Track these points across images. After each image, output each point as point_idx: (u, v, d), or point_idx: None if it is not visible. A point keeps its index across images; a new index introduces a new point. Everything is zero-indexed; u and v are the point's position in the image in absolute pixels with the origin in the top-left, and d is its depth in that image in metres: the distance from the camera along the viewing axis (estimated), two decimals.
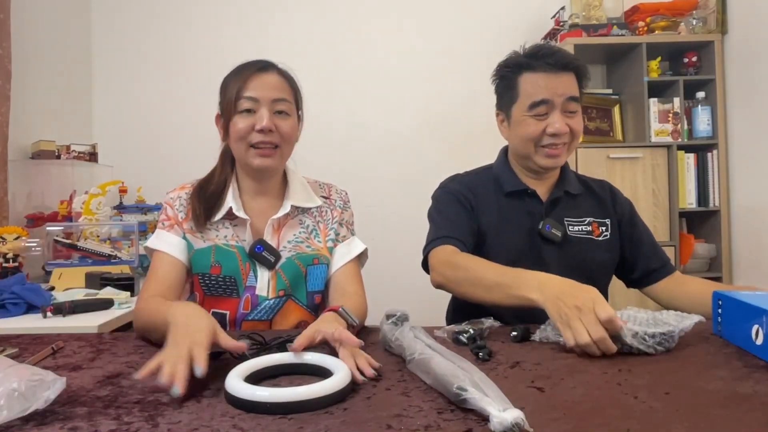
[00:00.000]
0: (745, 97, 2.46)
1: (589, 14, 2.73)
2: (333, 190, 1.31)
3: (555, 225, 1.24)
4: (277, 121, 1.12)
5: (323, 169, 2.47)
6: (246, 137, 1.12)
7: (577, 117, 1.23)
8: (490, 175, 1.35)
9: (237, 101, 1.11)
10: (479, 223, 1.27)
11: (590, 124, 2.67)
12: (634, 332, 0.84)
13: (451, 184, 1.34)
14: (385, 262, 2.11)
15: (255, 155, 1.13)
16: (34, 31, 2.39)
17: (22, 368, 0.64)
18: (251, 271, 1.15)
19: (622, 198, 1.37)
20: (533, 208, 1.28)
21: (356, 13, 2.91)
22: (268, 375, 0.76)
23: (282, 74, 1.17)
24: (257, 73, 1.13)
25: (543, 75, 1.20)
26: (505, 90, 1.28)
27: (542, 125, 1.21)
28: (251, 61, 1.17)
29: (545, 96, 1.20)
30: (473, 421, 0.60)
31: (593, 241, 1.28)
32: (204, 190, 1.18)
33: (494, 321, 1.00)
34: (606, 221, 1.31)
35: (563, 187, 1.29)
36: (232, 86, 1.13)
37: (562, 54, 1.22)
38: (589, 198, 1.33)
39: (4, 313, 1.45)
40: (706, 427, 0.58)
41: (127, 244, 2.16)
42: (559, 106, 1.20)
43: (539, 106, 1.20)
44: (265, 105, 1.11)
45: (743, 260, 2.51)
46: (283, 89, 1.15)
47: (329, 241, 1.23)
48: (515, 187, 1.29)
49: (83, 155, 2.42)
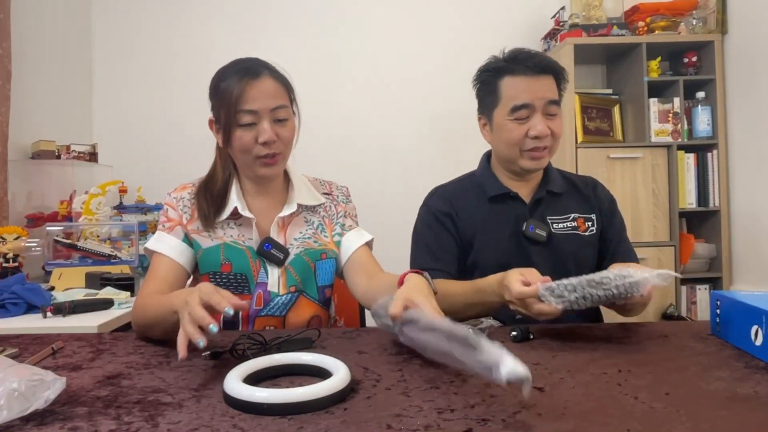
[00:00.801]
0: (745, 97, 2.46)
1: (589, 14, 2.73)
2: (334, 186, 1.32)
3: (539, 225, 1.25)
4: (278, 129, 1.11)
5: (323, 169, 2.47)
6: (251, 150, 1.11)
7: (558, 119, 1.24)
8: (474, 181, 1.37)
9: (236, 114, 1.09)
10: (463, 234, 1.29)
11: (590, 124, 2.67)
12: (551, 289, 0.92)
13: (431, 201, 1.36)
14: (385, 261, 2.11)
15: (261, 166, 1.13)
16: (34, 31, 2.39)
17: (22, 368, 0.64)
18: (261, 268, 1.16)
19: (603, 192, 1.37)
20: (517, 210, 1.29)
21: (356, 14, 2.92)
22: (267, 375, 0.76)
23: (275, 76, 1.14)
24: (252, 81, 1.09)
25: (523, 78, 1.22)
26: (486, 94, 1.29)
27: (524, 128, 1.23)
28: (240, 63, 1.13)
29: (526, 100, 1.21)
30: (473, 421, 0.60)
31: (580, 236, 1.28)
32: (209, 189, 1.18)
33: (494, 321, 1.01)
34: (591, 216, 1.31)
35: (546, 187, 1.30)
36: (227, 95, 1.09)
37: (541, 57, 1.24)
38: (574, 195, 1.34)
39: (4, 313, 1.45)
40: (707, 428, 0.58)
41: (127, 244, 2.16)
42: (540, 109, 1.22)
43: (521, 110, 1.22)
44: (265, 116, 1.10)
45: (743, 260, 2.51)
46: (279, 94, 1.12)
47: (335, 235, 1.24)
48: (497, 191, 1.30)
49: (83, 155, 2.42)
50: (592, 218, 1.31)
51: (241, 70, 1.11)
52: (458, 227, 1.30)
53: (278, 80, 1.14)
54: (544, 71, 1.22)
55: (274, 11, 2.89)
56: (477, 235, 1.28)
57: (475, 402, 0.66)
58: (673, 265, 2.53)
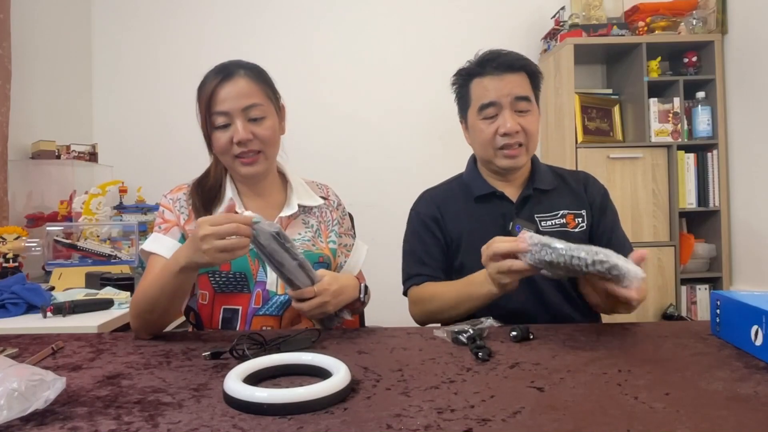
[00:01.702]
0: (745, 97, 2.46)
1: (589, 14, 2.73)
2: (330, 191, 1.34)
3: (525, 224, 1.25)
4: (253, 128, 1.12)
5: (323, 168, 2.48)
6: (228, 151, 1.13)
7: (530, 116, 1.25)
8: (461, 182, 1.38)
9: (210, 117, 1.12)
10: (450, 235, 1.30)
11: (590, 124, 2.67)
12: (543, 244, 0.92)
13: (419, 206, 1.38)
14: (384, 261, 2.11)
15: (240, 165, 1.14)
16: (34, 31, 2.39)
17: (22, 368, 0.64)
18: (260, 267, 1.16)
19: (595, 185, 1.36)
20: (504, 209, 1.29)
21: (355, 14, 2.92)
22: (267, 375, 0.76)
23: (249, 75, 1.14)
24: (222, 83, 1.11)
25: (489, 78, 1.25)
26: (461, 98, 1.33)
27: (494, 127, 1.25)
28: (216, 67, 1.15)
29: (492, 98, 1.24)
30: (473, 421, 0.60)
31: (568, 233, 1.28)
32: (202, 185, 1.20)
33: (494, 321, 1.01)
34: (582, 212, 1.31)
35: (533, 185, 1.30)
36: (202, 98, 1.13)
37: (507, 56, 1.26)
38: (564, 191, 1.33)
39: (4, 313, 1.45)
40: (707, 428, 0.58)
41: (127, 244, 2.16)
42: (508, 105, 1.23)
43: (488, 108, 1.25)
44: (238, 116, 1.11)
45: (743, 260, 2.51)
46: (252, 93, 1.13)
47: (330, 242, 1.26)
48: (483, 190, 1.31)
49: (83, 155, 2.42)
50: (582, 214, 1.30)
51: (215, 72, 1.14)
52: (445, 231, 1.31)
53: (253, 79, 1.14)
54: (510, 69, 1.24)
55: (274, 12, 2.89)
56: (464, 235, 1.29)
57: (475, 402, 0.66)
58: (673, 265, 2.54)
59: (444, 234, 1.31)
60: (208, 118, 1.12)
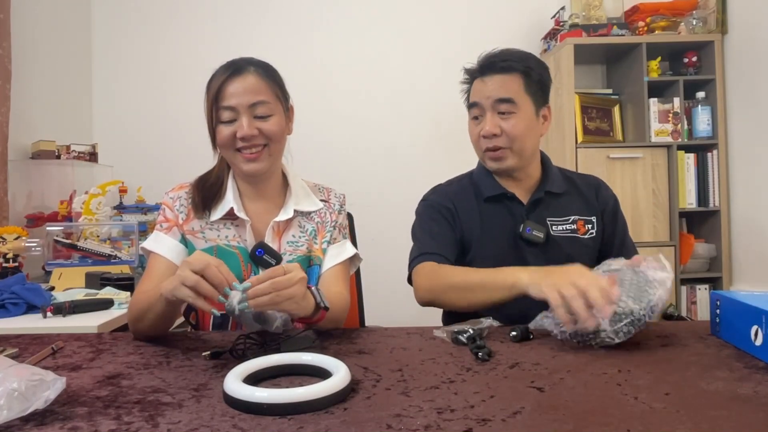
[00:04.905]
0: (745, 97, 2.46)
1: (589, 14, 2.73)
2: (332, 194, 1.30)
3: (536, 227, 1.24)
4: (259, 124, 1.11)
5: (324, 169, 2.48)
6: (231, 144, 1.12)
7: (513, 118, 1.23)
8: (471, 181, 1.36)
9: (217, 111, 1.11)
10: (462, 231, 1.29)
11: (590, 124, 2.67)
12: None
13: (432, 196, 1.36)
14: (384, 261, 2.11)
15: (243, 160, 1.13)
16: (34, 31, 2.39)
17: (22, 368, 0.64)
18: (252, 273, 1.15)
19: (606, 191, 1.36)
20: (514, 211, 1.28)
21: (357, 16, 2.92)
22: (267, 375, 0.76)
23: (258, 73, 1.13)
24: (231, 78, 1.11)
25: (478, 80, 1.28)
26: (466, 98, 1.35)
27: (478, 128, 1.26)
28: (226, 63, 1.15)
29: (475, 99, 1.27)
30: (473, 421, 0.60)
31: (578, 239, 1.28)
32: (204, 182, 1.20)
33: (494, 321, 1.01)
34: (592, 218, 1.30)
35: (545, 188, 1.29)
36: (211, 92, 1.12)
37: (496, 57, 1.26)
38: (575, 196, 1.33)
39: (4, 313, 1.45)
40: (707, 428, 0.58)
41: (127, 244, 2.16)
42: (489, 108, 1.24)
43: (472, 109, 1.29)
44: (244, 112, 1.10)
45: (743, 260, 2.51)
46: (261, 90, 1.12)
47: (324, 243, 1.23)
48: (494, 191, 1.30)
49: (83, 155, 2.42)
50: (593, 221, 1.30)
51: (225, 67, 1.14)
52: (458, 225, 1.29)
53: (262, 76, 1.13)
54: (490, 70, 1.25)
55: (275, 12, 2.89)
56: (474, 234, 1.28)
57: (475, 402, 0.66)
58: (673, 265, 2.53)
59: (457, 228, 1.29)
60: (215, 113, 1.12)
